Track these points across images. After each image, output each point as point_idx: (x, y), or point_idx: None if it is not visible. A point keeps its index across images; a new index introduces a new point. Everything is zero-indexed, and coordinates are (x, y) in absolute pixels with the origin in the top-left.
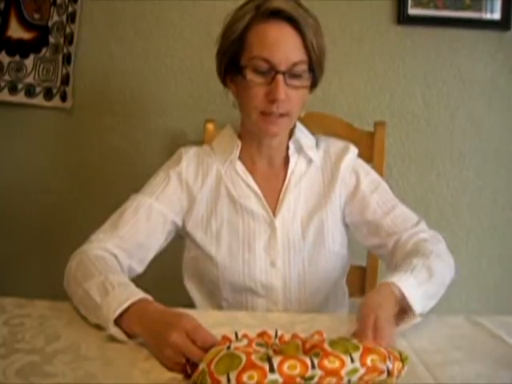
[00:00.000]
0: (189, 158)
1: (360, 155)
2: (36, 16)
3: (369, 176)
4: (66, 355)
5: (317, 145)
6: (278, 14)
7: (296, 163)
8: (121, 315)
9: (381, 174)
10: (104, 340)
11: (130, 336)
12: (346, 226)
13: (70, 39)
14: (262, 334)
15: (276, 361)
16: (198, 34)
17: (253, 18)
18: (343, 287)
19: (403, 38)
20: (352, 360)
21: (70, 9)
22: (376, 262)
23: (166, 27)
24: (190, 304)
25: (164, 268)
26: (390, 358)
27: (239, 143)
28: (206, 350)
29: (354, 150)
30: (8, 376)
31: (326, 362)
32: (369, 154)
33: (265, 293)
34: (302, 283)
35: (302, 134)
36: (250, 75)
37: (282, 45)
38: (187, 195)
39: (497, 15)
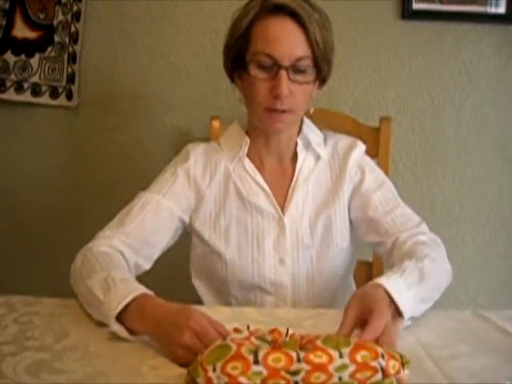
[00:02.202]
0: (197, 154)
1: (366, 151)
2: (41, 15)
3: (374, 173)
4: (74, 352)
5: (325, 141)
6: (281, 9)
7: (304, 159)
8: (123, 311)
9: (386, 169)
10: (112, 337)
11: (132, 333)
12: (351, 222)
13: (75, 38)
14: (272, 331)
15: (262, 353)
16: (203, 31)
17: (257, 13)
18: (351, 283)
19: (408, 33)
20: (341, 355)
21: (75, 8)
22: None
23: (171, 25)
24: (199, 301)
25: (172, 266)
26: (383, 355)
27: (247, 140)
28: None
29: (361, 146)
30: (18, 373)
31: (311, 357)
32: (374, 149)
33: (274, 290)
34: (311, 280)
35: (310, 130)
36: (253, 71)
37: (285, 40)
38: (195, 192)
39: (502, 9)
